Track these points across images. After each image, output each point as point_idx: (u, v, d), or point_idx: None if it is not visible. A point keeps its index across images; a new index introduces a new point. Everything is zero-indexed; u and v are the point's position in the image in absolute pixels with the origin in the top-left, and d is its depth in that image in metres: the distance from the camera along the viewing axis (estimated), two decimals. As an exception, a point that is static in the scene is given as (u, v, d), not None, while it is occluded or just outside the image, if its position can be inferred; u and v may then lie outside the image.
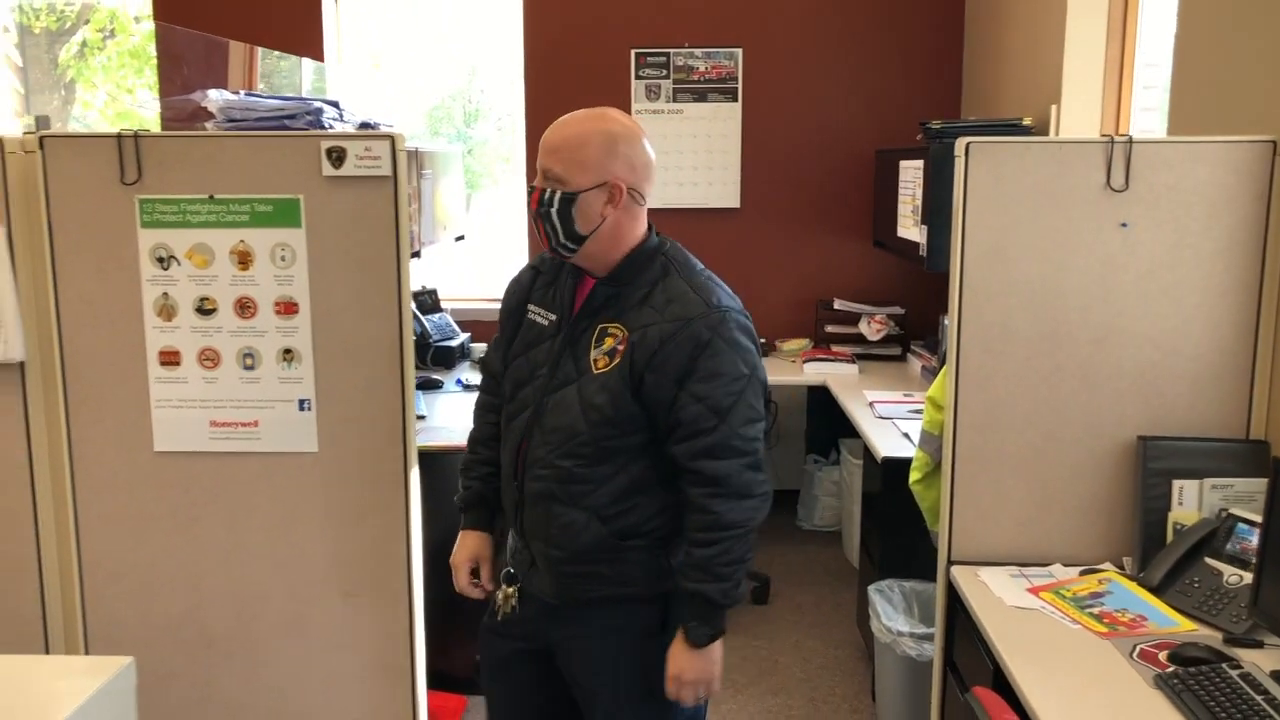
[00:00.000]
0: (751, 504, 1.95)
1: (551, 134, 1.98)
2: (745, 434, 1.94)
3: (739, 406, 1.93)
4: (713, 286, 2.01)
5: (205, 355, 2.44)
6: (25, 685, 1.31)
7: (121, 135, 2.38)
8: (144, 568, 2.52)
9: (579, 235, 1.96)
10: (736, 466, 1.93)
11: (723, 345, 1.93)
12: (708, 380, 1.92)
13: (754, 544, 1.99)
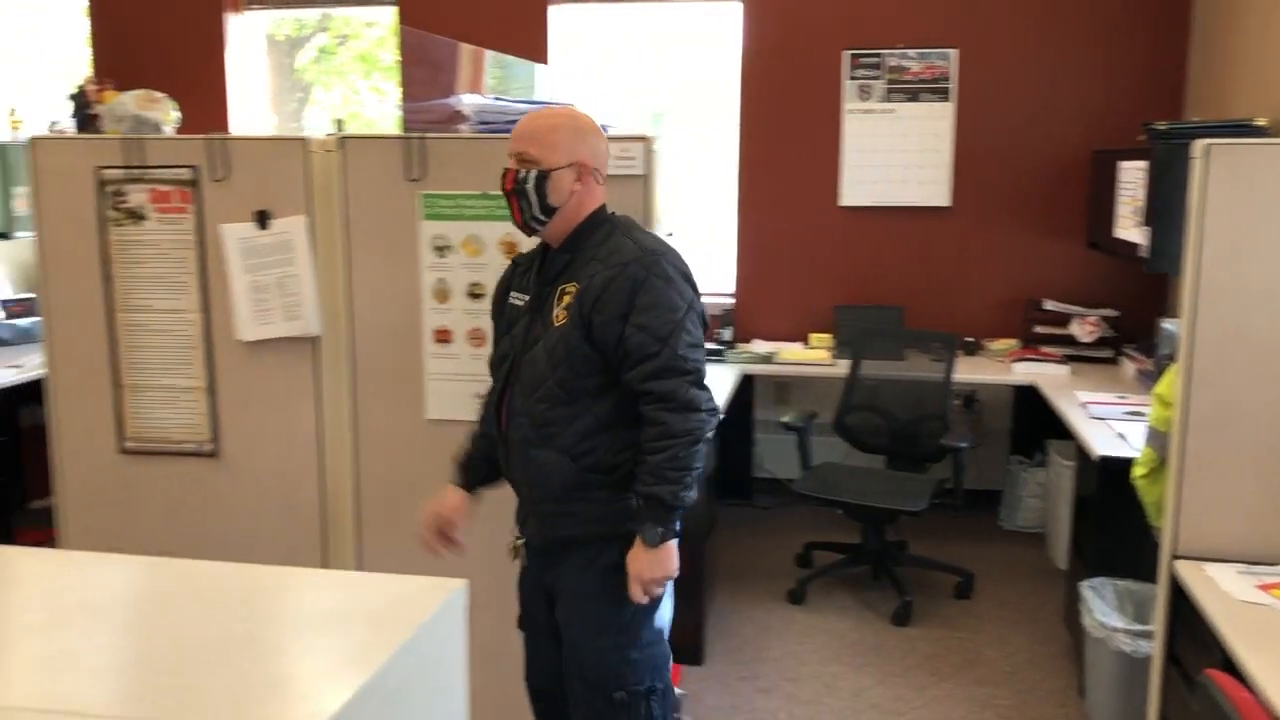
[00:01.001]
0: (698, 416, 2.18)
1: (525, 124, 2.27)
2: (687, 356, 2.19)
3: (678, 333, 2.18)
4: (648, 237, 2.28)
5: (474, 334, 2.71)
6: (376, 599, 1.56)
7: (409, 137, 2.68)
8: (415, 522, 2.82)
9: (551, 208, 2.23)
10: (682, 384, 2.17)
11: (658, 282, 2.19)
12: (647, 311, 2.17)
13: (701, 456, 2.19)
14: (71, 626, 1.41)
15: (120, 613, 1.48)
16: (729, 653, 3.77)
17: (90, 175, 2.78)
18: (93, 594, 1.52)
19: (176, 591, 1.56)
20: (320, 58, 7.38)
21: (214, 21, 5.51)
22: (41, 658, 1.32)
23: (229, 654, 1.35)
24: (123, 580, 1.61)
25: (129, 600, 1.52)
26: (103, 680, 1.28)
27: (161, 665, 1.30)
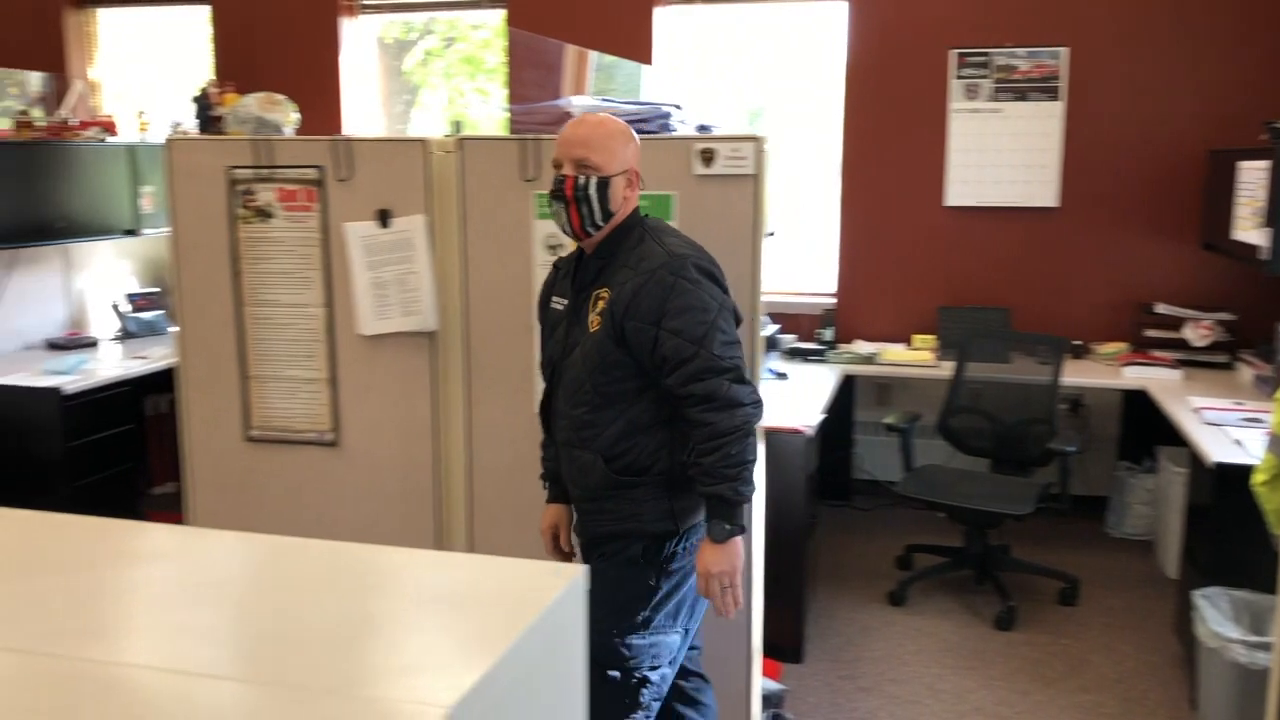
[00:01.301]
0: (743, 411, 2.22)
1: (580, 131, 2.32)
2: (723, 354, 2.22)
3: (712, 333, 2.22)
4: (676, 242, 2.31)
5: (584, 331, 2.78)
6: (497, 583, 1.60)
7: (524, 138, 2.76)
8: (524, 510, 2.90)
9: (610, 214, 2.30)
10: (722, 382, 2.21)
11: (687, 285, 2.23)
12: (679, 315, 2.21)
13: (753, 448, 2.24)
14: (199, 598, 1.47)
15: (245, 587, 1.52)
16: (829, 652, 3.77)
17: (222, 175, 2.91)
18: (220, 569, 1.58)
19: (300, 569, 1.59)
20: (427, 60, 7.55)
21: (329, 26, 5.69)
22: (169, 625, 1.37)
23: (353, 631, 1.38)
24: (248, 557, 1.66)
25: (254, 576, 1.56)
26: (227, 648, 1.31)
27: (285, 638, 1.31)
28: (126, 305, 5.19)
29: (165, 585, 1.48)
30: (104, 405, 4.30)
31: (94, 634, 1.29)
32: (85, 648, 1.23)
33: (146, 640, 1.29)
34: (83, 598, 1.42)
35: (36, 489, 4.11)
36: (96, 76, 5.99)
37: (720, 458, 2.20)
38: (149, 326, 5.17)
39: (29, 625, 1.29)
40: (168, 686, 1.17)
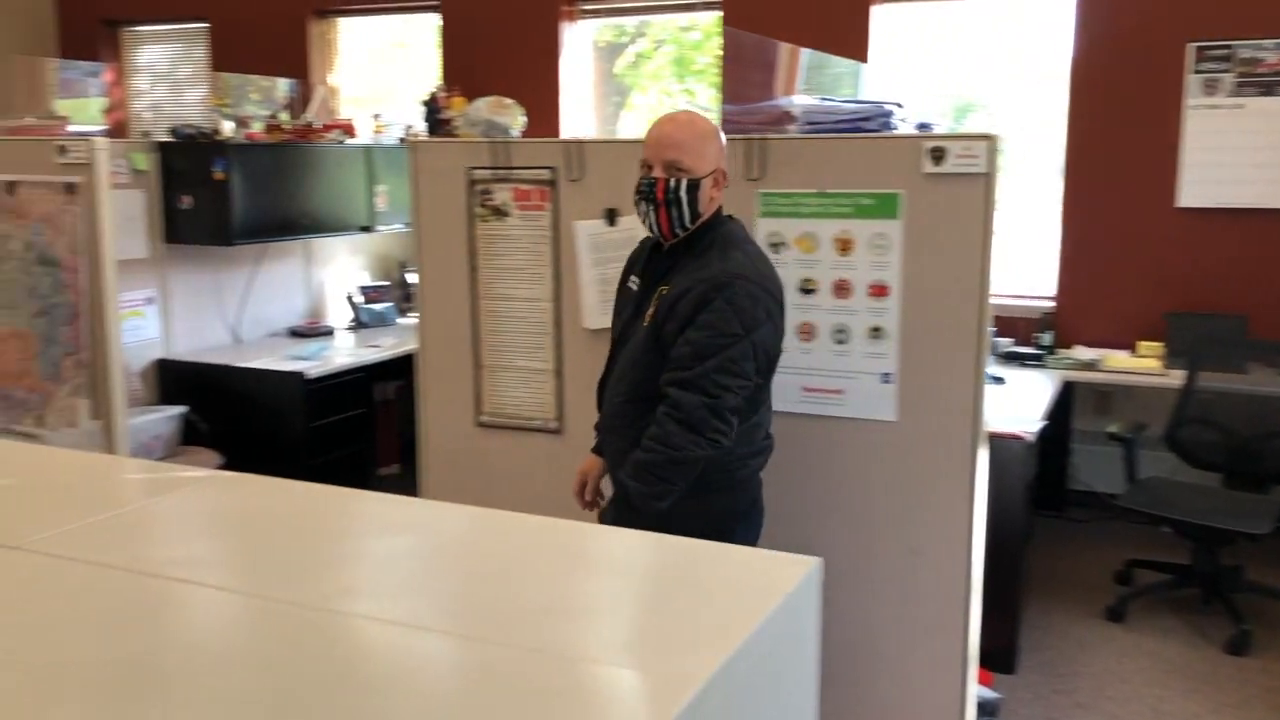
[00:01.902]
0: (696, 439, 2.23)
1: (670, 132, 2.34)
2: (717, 380, 2.22)
3: (720, 357, 2.22)
4: (741, 258, 2.30)
5: (803, 329, 2.80)
6: (732, 570, 1.63)
7: (749, 138, 2.80)
8: (737, 507, 2.94)
9: (698, 215, 2.33)
10: (697, 401, 2.22)
11: (722, 304, 2.23)
12: (701, 329, 2.23)
13: (683, 476, 2.25)
14: (429, 565, 1.55)
15: (475, 558, 1.56)
16: (1043, 665, 3.66)
17: (462, 175, 3.08)
18: (449, 539, 1.67)
19: (530, 544, 1.65)
20: (638, 62, 7.71)
21: (550, 31, 5.90)
22: (397, 584, 1.46)
23: (587, 609, 1.43)
24: (480, 528, 1.72)
25: (486, 548, 1.63)
26: (451, 611, 1.36)
27: (513, 610, 1.35)
28: (360, 297, 5.53)
29: (400, 549, 1.57)
30: (340, 390, 4.61)
31: (332, 587, 1.39)
32: (324, 599, 1.34)
33: (377, 596, 1.38)
34: (326, 557, 1.53)
35: (281, 464, 4.44)
36: (336, 82, 6.40)
37: (650, 461, 2.25)
38: (379, 317, 5.49)
39: (278, 577, 1.42)
40: (391, 637, 1.25)
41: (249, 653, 1.24)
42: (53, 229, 3.55)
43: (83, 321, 3.55)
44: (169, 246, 4.60)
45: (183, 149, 4.55)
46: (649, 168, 2.34)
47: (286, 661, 1.20)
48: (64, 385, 3.63)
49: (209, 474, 1.84)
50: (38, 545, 1.50)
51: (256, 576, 1.44)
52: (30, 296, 3.62)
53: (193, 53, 6.74)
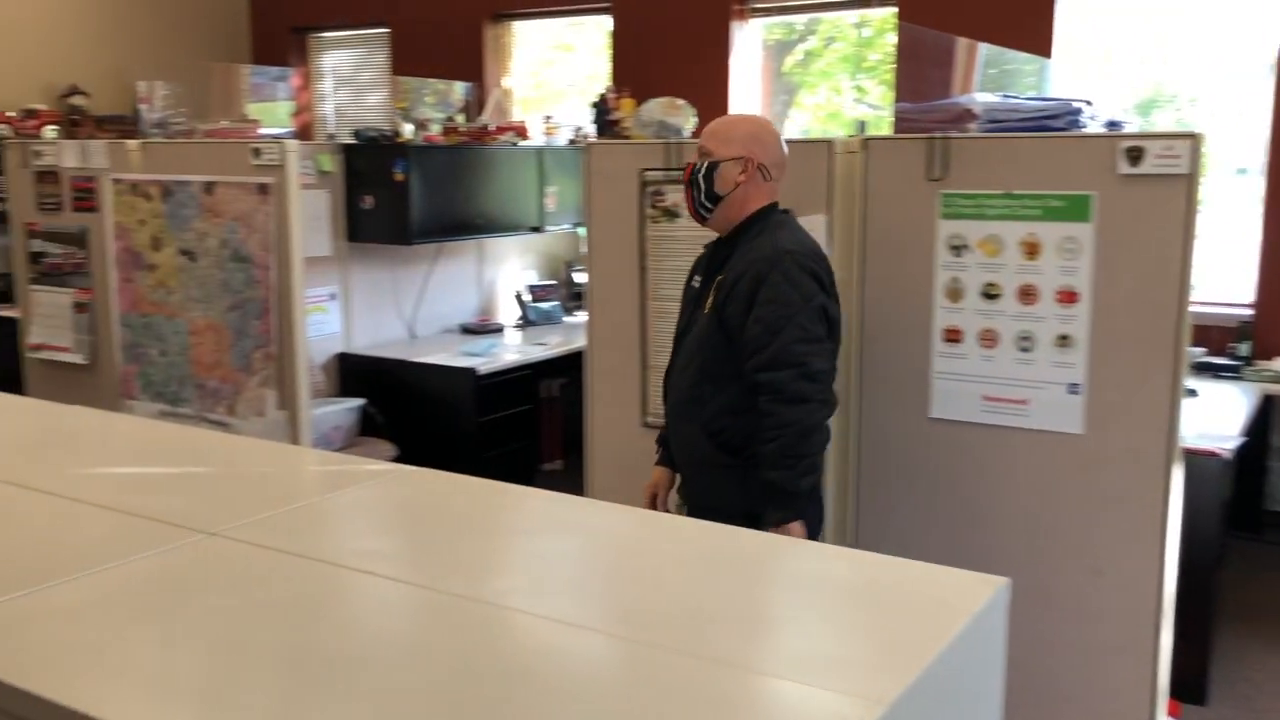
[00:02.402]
0: (807, 407, 2.34)
1: (711, 124, 2.56)
2: (796, 349, 2.33)
3: (790, 327, 2.33)
4: (786, 236, 2.44)
5: (985, 335, 2.69)
6: (914, 586, 1.57)
7: (932, 137, 2.71)
8: (916, 521, 2.86)
9: (715, 196, 2.48)
10: (790, 375, 2.33)
11: (779, 278, 2.35)
12: (765, 305, 2.35)
13: (817, 444, 2.36)
14: (600, 566, 1.52)
15: (646, 561, 1.53)
16: (1238, 698, 3.43)
17: (635, 176, 3.09)
18: (620, 540, 1.64)
19: (701, 550, 1.59)
20: (807, 61, 7.61)
21: (720, 30, 5.88)
22: (568, 583, 1.44)
23: (763, 619, 1.37)
24: (651, 531, 1.67)
25: (657, 552, 1.58)
26: (621, 615, 1.34)
27: (686, 617, 1.32)
28: (528, 295, 5.63)
29: (571, 549, 1.57)
30: (508, 386, 4.70)
31: (503, 584, 1.43)
32: (495, 595, 1.36)
33: (548, 595, 1.38)
34: (498, 553, 1.57)
35: (452, 457, 4.55)
36: (510, 84, 6.54)
37: (779, 447, 2.33)
38: (546, 315, 5.58)
39: (450, 571, 1.44)
40: (561, 638, 1.25)
41: (420, 645, 1.26)
42: (246, 227, 3.73)
43: (272, 316, 3.72)
44: (350, 245, 4.78)
45: (365, 151, 4.72)
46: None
47: (456, 656, 1.22)
48: (254, 376, 3.81)
49: (389, 468, 1.89)
50: (231, 532, 1.57)
51: (430, 570, 1.47)
52: (224, 291, 3.81)
53: (374, 58, 7.00)
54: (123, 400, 4.09)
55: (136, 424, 2.28)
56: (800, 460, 2.35)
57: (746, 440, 2.43)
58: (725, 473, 2.47)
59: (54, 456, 2.01)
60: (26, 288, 4.30)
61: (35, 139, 5.17)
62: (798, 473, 2.35)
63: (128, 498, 1.72)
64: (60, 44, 6.05)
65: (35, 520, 1.64)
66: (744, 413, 2.43)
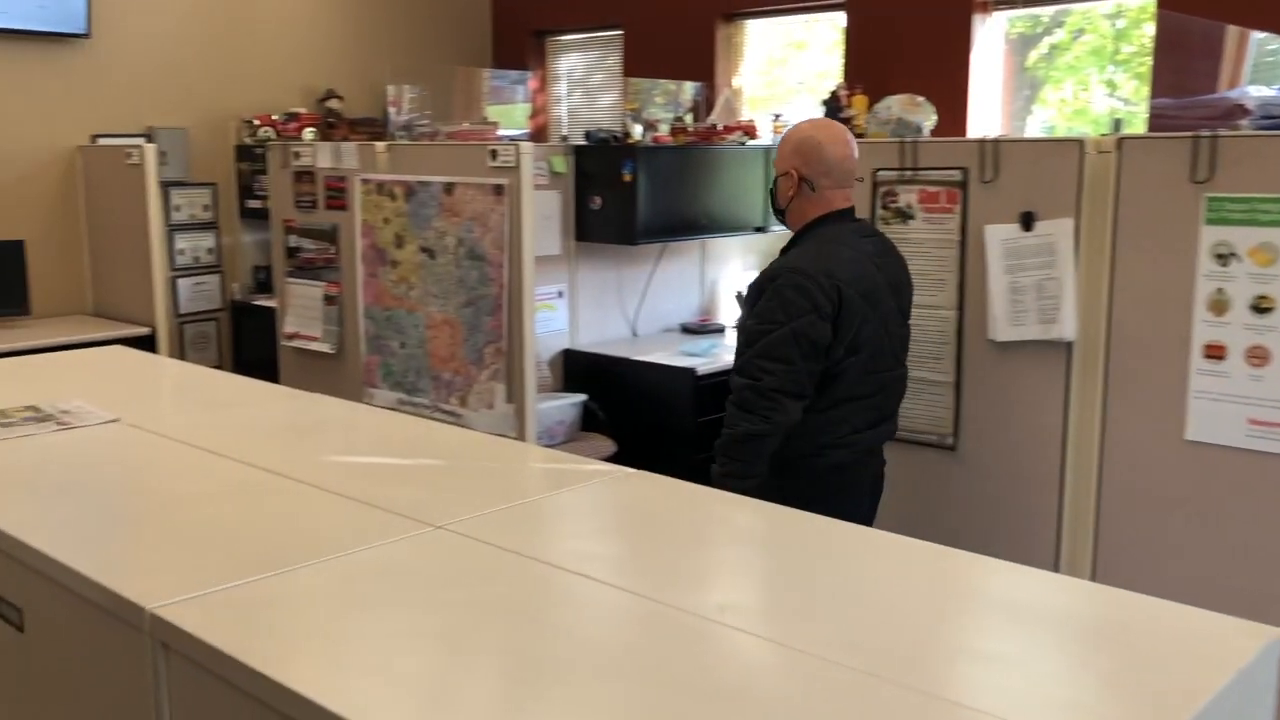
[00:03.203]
0: (750, 417, 2.48)
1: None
2: (758, 364, 2.47)
3: (762, 343, 2.47)
4: (801, 253, 2.58)
5: (1254, 353, 2.45)
6: (1168, 629, 1.42)
7: (1198, 136, 2.49)
8: (1160, 545, 2.64)
9: (779, 209, 2.71)
10: (744, 384, 2.51)
11: (771, 294, 2.49)
12: (754, 317, 2.52)
13: (747, 453, 2.49)
14: (818, 586, 1.44)
15: (865, 583, 1.46)
16: None
17: (867, 177, 2.99)
18: (837, 559, 1.54)
19: (924, 574, 1.50)
20: (1052, 54, 7.23)
21: (961, 25, 5.65)
22: (785, 601, 1.38)
23: (993, 656, 1.28)
24: (870, 550, 1.59)
25: (876, 574, 1.49)
26: (839, 639, 1.27)
27: (908, 647, 1.26)
28: (750, 296, 5.59)
29: (791, 566, 1.53)
30: (726, 387, 4.66)
31: (719, 597, 1.38)
32: (711, 609, 1.32)
33: (762, 613, 1.35)
34: (715, 565, 1.54)
35: (668, 456, 4.57)
36: (740, 83, 6.51)
37: (720, 442, 2.55)
38: (768, 317, 5.52)
39: (668, 580, 1.42)
40: (777, 659, 1.21)
41: (631, 654, 1.24)
42: (481, 226, 3.86)
43: (503, 313, 3.83)
44: (578, 244, 4.88)
45: (595, 152, 4.80)
46: None
47: (666, 669, 1.19)
48: (484, 370, 3.94)
49: (612, 469, 1.90)
50: (457, 527, 1.60)
51: (647, 578, 1.45)
52: (460, 288, 3.96)
53: (607, 60, 7.13)
54: (365, 388, 4.32)
55: (377, 415, 2.39)
56: (729, 461, 2.52)
57: (791, 445, 2.54)
58: (787, 479, 2.53)
59: (303, 444, 2.12)
60: (283, 280, 4.61)
61: (295, 140, 5.55)
62: (724, 471, 2.52)
63: (364, 487, 1.79)
64: (318, 50, 6.46)
65: (281, 505, 1.73)
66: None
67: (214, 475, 1.90)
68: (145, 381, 2.71)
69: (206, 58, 5.96)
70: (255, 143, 5.93)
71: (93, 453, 2.05)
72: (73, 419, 2.28)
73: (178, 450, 2.05)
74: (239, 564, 1.47)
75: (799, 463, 2.57)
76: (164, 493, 1.81)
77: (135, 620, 1.35)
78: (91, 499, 1.78)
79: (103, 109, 5.57)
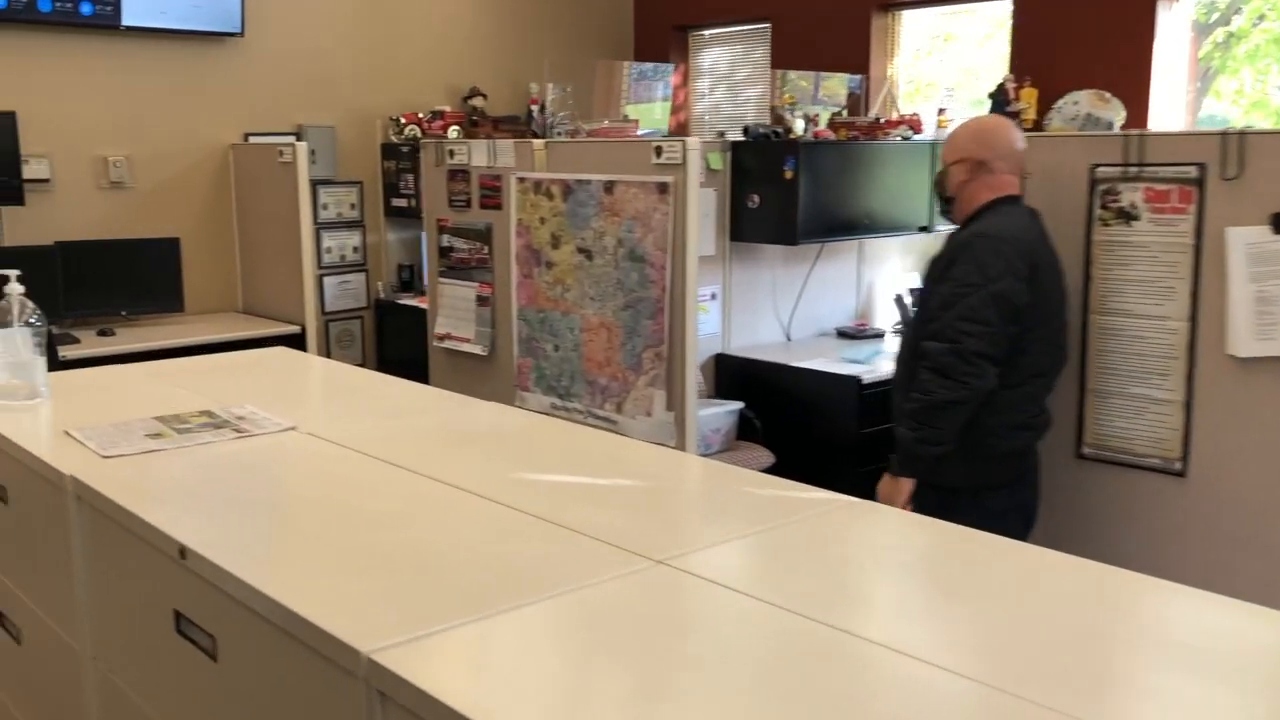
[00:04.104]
0: (948, 384, 2.43)
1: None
2: (959, 327, 2.43)
3: (960, 305, 2.44)
4: (993, 222, 2.55)
5: None
6: None
7: None
8: None
9: (948, 196, 2.72)
10: (944, 349, 2.45)
11: (966, 257, 2.47)
12: (946, 282, 2.50)
13: (947, 419, 2.46)
14: (971, 604, 1.29)
15: (1083, 623, 1.27)
16: None
17: (1084, 173, 2.73)
18: (1054, 594, 1.35)
19: (1143, 613, 1.33)
20: (1229, 43, 6.76)
21: (1142, 13, 5.27)
22: (988, 640, 1.21)
23: (1183, 695, 1.10)
24: (1088, 582, 1.39)
25: (1094, 613, 1.30)
26: (999, 663, 1.15)
27: (1076, 678, 1.11)
28: (909, 299, 5.31)
29: (934, 581, 1.41)
30: (891, 396, 4.41)
31: (847, 609, 1.30)
32: (836, 618, 1.25)
33: (894, 625, 1.26)
34: (845, 578, 1.42)
35: (829, 468, 4.34)
36: (898, 75, 6.24)
37: (914, 409, 2.51)
38: (929, 322, 5.24)
39: (795, 592, 1.33)
40: (902, 670, 1.14)
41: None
42: (643, 226, 3.70)
43: (665, 316, 3.66)
44: (732, 244, 4.68)
45: (754, 148, 4.60)
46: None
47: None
48: (643, 376, 3.78)
49: (833, 498, 1.71)
50: (681, 563, 1.43)
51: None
52: (618, 290, 3.80)
53: (751, 54, 6.92)
54: (517, 391, 4.21)
55: (553, 425, 2.24)
56: (926, 429, 2.50)
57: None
58: (959, 453, 2.57)
59: (485, 456, 1.99)
60: (436, 280, 4.53)
61: (441, 139, 5.49)
62: (919, 438, 2.51)
63: (563, 509, 1.64)
64: (462, 47, 6.41)
65: (482, 530, 1.59)
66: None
67: (404, 491, 1.77)
68: (312, 385, 2.62)
69: (354, 55, 5.96)
70: (401, 141, 5.89)
71: (275, 464, 1.95)
72: (249, 426, 2.18)
73: (361, 462, 1.94)
74: (454, 600, 1.32)
75: (984, 444, 2.55)
76: (357, 511, 1.68)
77: (349, 664, 1.21)
78: (282, 516, 1.66)
79: (254, 107, 5.60)
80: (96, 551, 1.82)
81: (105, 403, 2.39)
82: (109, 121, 5.14)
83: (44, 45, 4.92)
